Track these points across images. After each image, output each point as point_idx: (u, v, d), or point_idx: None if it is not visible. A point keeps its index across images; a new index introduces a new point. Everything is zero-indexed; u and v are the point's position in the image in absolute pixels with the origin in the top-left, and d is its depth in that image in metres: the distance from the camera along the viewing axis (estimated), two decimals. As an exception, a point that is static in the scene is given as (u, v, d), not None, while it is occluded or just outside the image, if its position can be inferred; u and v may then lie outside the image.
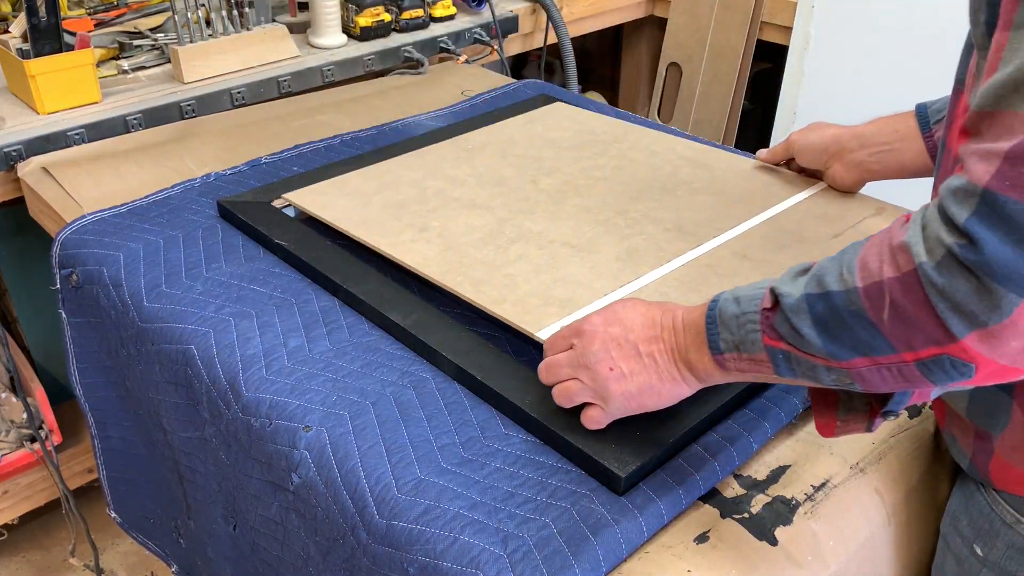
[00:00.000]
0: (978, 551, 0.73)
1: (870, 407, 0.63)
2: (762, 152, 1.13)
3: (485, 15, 1.81)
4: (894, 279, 0.51)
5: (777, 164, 1.12)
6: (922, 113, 0.92)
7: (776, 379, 0.61)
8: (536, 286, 0.90)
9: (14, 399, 1.44)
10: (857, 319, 0.53)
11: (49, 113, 1.34)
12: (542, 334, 0.82)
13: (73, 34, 1.36)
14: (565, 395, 0.73)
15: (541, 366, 0.75)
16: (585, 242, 0.97)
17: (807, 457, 0.77)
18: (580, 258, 0.94)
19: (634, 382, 0.68)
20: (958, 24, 1.87)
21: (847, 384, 0.57)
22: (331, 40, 1.62)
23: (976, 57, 0.63)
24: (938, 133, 0.90)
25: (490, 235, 0.99)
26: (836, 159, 1.01)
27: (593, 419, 0.72)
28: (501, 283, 0.90)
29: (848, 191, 1.05)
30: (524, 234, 0.99)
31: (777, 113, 2.02)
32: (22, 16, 1.30)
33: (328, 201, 1.08)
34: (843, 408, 0.63)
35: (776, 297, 0.58)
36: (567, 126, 1.29)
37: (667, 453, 0.74)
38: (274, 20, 1.64)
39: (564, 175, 1.13)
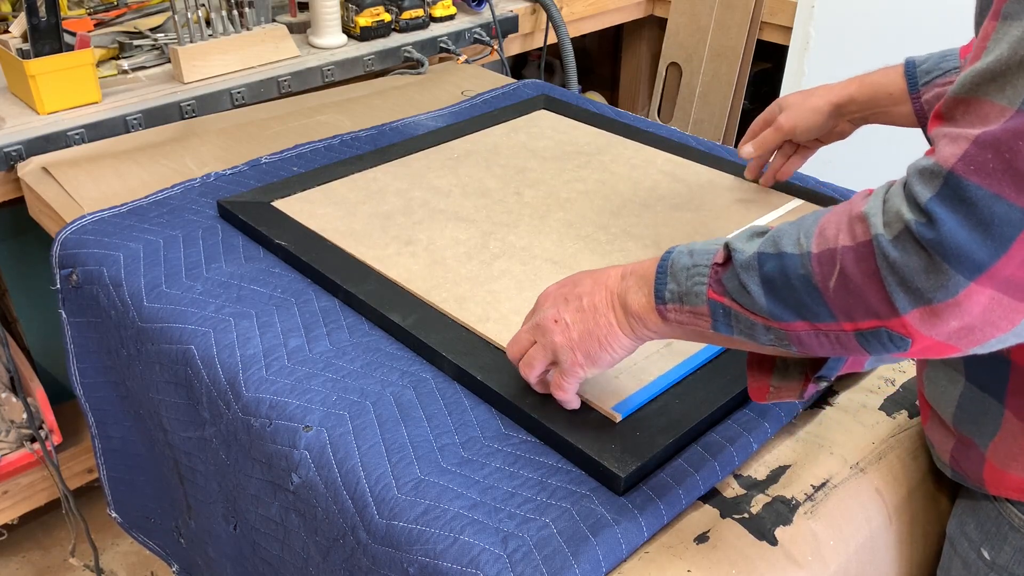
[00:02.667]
0: (985, 555, 0.73)
1: (804, 376, 0.63)
2: (746, 149, 1.08)
3: (485, 15, 1.81)
4: (848, 248, 0.51)
5: (767, 151, 1.09)
6: (911, 73, 0.93)
7: (712, 336, 0.62)
8: (518, 303, 0.91)
9: (14, 399, 1.44)
10: (804, 283, 0.54)
11: (49, 113, 1.34)
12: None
13: (73, 34, 1.36)
14: (527, 363, 0.74)
15: (509, 342, 0.77)
16: (567, 258, 1.00)
17: (807, 457, 0.77)
18: (562, 274, 0.96)
19: (575, 331, 0.69)
20: (958, 24, 1.87)
21: (784, 345, 0.57)
22: (331, 40, 1.62)
23: None
24: (926, 95, 0.91)
25: (475, 249, 1.01)
26: (839, 122, 1.02)
27: (556, 385, 0.73)
28: (484, 300, 0.92)
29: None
30: (508, 249, 1.01)
31: (777, 113, 2.02)
32: (22, 16, 1.30)
33: (315, 210, 1.09)
34: (778, 375, 0.64)
35: (729, 253, 0.59)
36: (551, 135, 1.31)
37: (667, 453, 0.74)
38: (274, 20, 1.65)
39: (547, 187, 1.15)
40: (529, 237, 1.04)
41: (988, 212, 0.46)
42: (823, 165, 1.94)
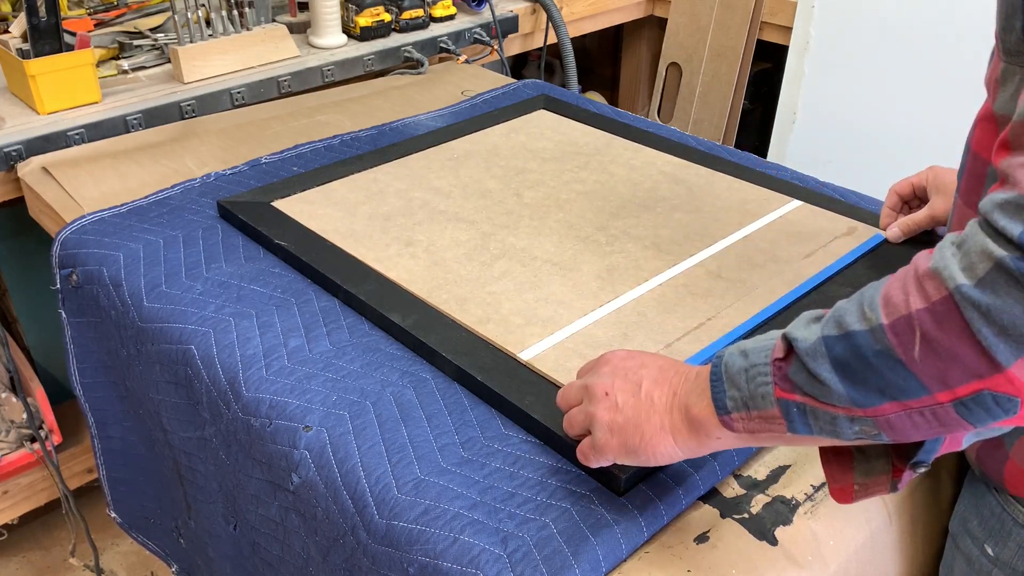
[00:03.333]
0: (989, 551, 0.73)
1: (891, 465, 0.57)
2: (894, 232, 1.00)
3: (485, 15, 1.81)
4: (924, 310, 0.47)
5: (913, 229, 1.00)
6: None
7: (791, 438, 0.56)
8: (519, 304, 0.91)
9: (14, 399, 1.44)
10: (884, 359, 0.48)
11: (49, 113, 1.34)
12: (525, 355, 0.83)
13: (73, 34, 1.36)
14: (568, 421, 0.70)
15: (562, 389, 0.72)
16: (567, 259, 0.99)
17: (807, 457, 0.77)
18: (562, 276, 0.96)
19: (622, 415, 0.63)
20: (958, 25, 1.88)
21: (872, 435, 0.52)
22: (331, 40, 1.62)
23: (1000, 64, 0.61)
24: None
25: (475, 250, 1.01)
26: None
27: (582, 452, 0.67)
28: (485, 301, 0.92)
29: None
30: (508, 250, 1.01)
31: (777, 113, 2.02)
32: (22, 16, 1.30)
33: (315, 210, 1.09)
34: (860, 470, 0.58)
35: (789, 344, 0.53)
36: (550, 136, 1.31)
37: (667, 453, 0.74)
38: (274, 20, 1.64)
39: (547, 188, 1.15)
40: (529, 238, 1.04)
41: None
42: (823, 165, 1.94)
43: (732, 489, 0.74)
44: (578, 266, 0.98)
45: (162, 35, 1.56)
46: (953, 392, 0.47)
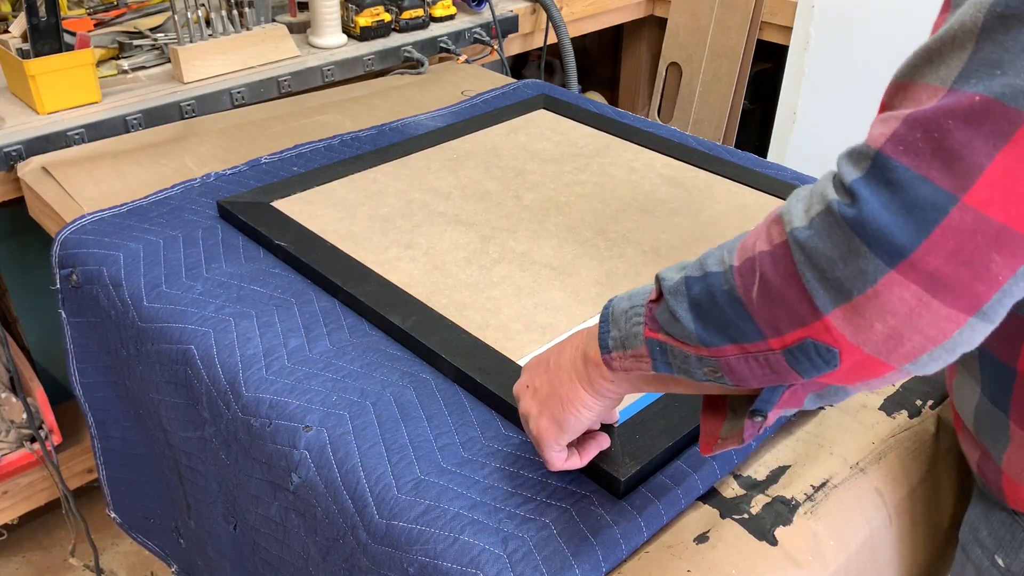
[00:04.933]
0: (1000, 562, 0.72)
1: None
2: None
3: (485, 15, 1.81)
4: (765, 252, 0.48)
5: None
6: None
7: (654, 379, 0.58)
8: (518, 311, 0.91)
9: (14, 399, 1.44)
10: (729, 299, 0.50)
11: (49, 113, 1.34)
12: (523, 361, 0.83)
13: (73, 34, 1.36)
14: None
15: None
16: (566, 264, 0.99)
17: (807, 457, 0.77)
18: (561, 281, 0.96)
19: (541, 393, 0.66)
20: (958, 24, 1.85)
21: (718, 378, 0.54)
22: (331, 40, 1.62)
23: None
24: None
25: (474, 254, 1.00)
26: None
27: (543, 460, 0.68)
28: (484, 307, 0.92)
29: None
30: (507, 254, 1.01)
31: (777, 113, 2.02)
32: (22, 16, 1.30)
33: (315, 211, 1.09)
34: (727, 426, 0.60)
35: (659, 284, 0.56)
36: (550, 136, 1.31)
37: (666, 456, 0.74)
38: (274, 20, 1.64)
39: (547, 190, 1.15)
40: (528, 242, 1.04)
41: (913, 194, 0.43)
42: (824, 165, 1.92)
43: (732, 489, 0.74)
44: (577, 271, 0.98)
45: (162, 35, 1.56)
46: (783, 339, 0.48)
